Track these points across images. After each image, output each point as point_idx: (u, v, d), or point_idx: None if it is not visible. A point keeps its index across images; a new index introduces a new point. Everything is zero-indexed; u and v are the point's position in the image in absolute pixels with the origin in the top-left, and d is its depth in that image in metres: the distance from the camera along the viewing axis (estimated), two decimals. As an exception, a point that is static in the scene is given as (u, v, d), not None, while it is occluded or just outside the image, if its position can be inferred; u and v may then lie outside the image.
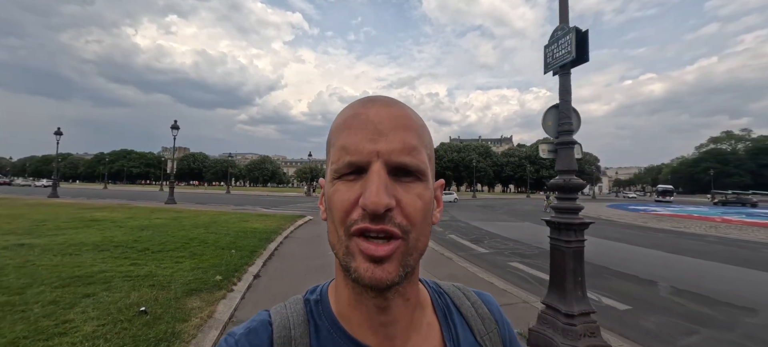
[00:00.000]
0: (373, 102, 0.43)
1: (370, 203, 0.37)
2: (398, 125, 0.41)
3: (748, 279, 7.05)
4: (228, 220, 11.92)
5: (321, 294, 0.49)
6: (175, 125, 24.08)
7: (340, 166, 0.40)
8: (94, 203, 19.16)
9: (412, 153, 0.40)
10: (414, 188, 0.40)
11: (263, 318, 0.47)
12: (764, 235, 13.81)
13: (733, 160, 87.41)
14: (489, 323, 0.53)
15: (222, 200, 29.08)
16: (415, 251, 0.40)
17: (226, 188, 56.55)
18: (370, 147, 0.39)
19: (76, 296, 3.77)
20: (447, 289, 0.56)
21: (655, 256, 9.21)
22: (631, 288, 6.13)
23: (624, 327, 4.42)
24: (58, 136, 29.65)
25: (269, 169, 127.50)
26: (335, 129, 0.43)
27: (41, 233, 7.94)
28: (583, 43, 3.40)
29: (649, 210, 28.55)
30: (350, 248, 0.39)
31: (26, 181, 72.15)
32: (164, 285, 4.31)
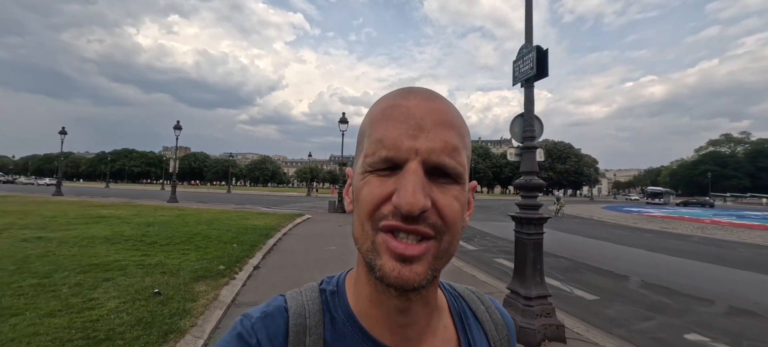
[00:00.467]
0: (414, 94, 0.40)
1: (405, 203, 0.34)
2: (440, 122, 0.38)
3: (714, 274, 7.53)
4: (229, 218, 12.43)
5: (337, 285, 0.48)
6: (177, 125, 24.59)
7: (374, 160, 0.38)
8: (99, 201, 19.68)
9: (453, 154, 0.38)
10: (451, 190, 0.38)
11: (279, 303, 0.45)
12: (746, 236, 14.28)
13: (731, 162, 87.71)
14: (501, 329, 0.53)
15: (223, 199, 29.61)
16: (446, 255, 0.38)
17: (227, 188, 57.08)
18: (409, 143, 0.37)
19: (97, 280, 4.27)
20: (462, 292, 0.54)
21: (634, 254, 9.69)
22: (604, 282, 6.61)
23: (588, 313, 4.90)
24: (63, 135, 30.19)
25: (270, 169, 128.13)
26: (371, 119, 0.40)
27: (54, 228, 8.44)
28: (543, 60, 3.89)
29: (642, 212, 29.03)
30: (376, 244, 0.37)
31: (29, 180, 72.75)
32: (173, 273, 4.81)
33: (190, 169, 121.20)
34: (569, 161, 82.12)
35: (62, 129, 30.14)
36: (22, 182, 66.89)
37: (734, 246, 11.56)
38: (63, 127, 30.15)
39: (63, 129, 30.20)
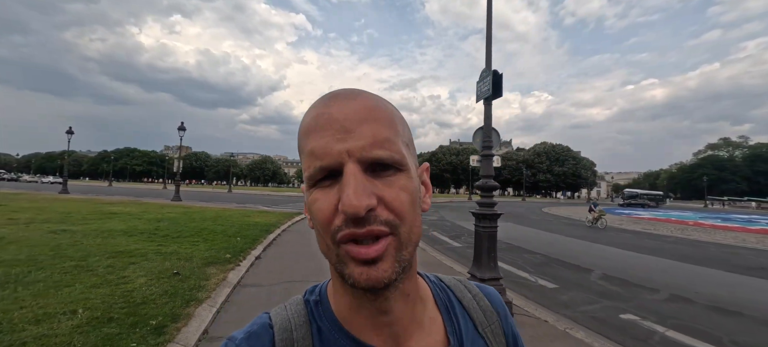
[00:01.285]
0: (335, 98, 0.40)
1: (349, 207, 0.34)
2: (365, 118, 0.38)
3: (672, 269, 8.31)
4: (232, 215, 13.24)
5: (320, 294, 0.48)
6: (181, 126, 25.42)
7: (313, 173, 0.38)
8: (107, 199, 20.50)
9: (386, 145, 0.37)
10: (396, 181, 0.38)
11: (264, 320, 0.45)
12: (721, 236, 15.05)
13: (729, 166, 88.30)
14: (490, 315, 0.53)
15: (224, 198, 30.43)
16: (409, 244, 0.38)
17: (228, 187, 57.93)
18: (338, 147, 0.36)
19: (125, 263, 5.08)
20: (449, 283, 0.54)
21: (607, 251, 10.48)
22: (568, 274, 7.39)
23: (543, 298, 5.68)
24: (70, 134, 31.09)
25: (270, 168, 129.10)
26: (302, 134, 0.40)
27: (73, 222, 9.25)
28: (498, 83, 4.69)
29: (631, 214, 29.80)
30: (341, 255, 0.37)
31: (33, 178, 73.62)
32: (188, 259, 5.61)
33: (191, 169, 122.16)
34: (567, 163, 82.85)
35: (69, 129, 31.05)
36: (26, 180, 67.82)
37: (706, 246, 12.34)
38: (70, 127, 31.07)
39: (70, 129, 31.11)
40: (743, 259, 10.02)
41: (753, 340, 4.28)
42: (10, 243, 6.15)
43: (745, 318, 5.09)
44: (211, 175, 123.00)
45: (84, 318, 3.15)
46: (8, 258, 5.06)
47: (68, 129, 30.99)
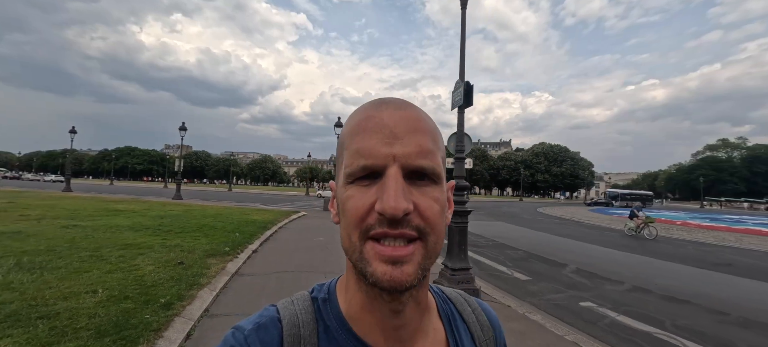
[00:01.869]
0: (386, 104, 0.42)
1: (388, 208, 0.36)
2: (413, 128, 0.40)
3: (641, 264, 8.87)
4: (231, 213, 13.80)
5: (329, 292, 0.49)
6: (183, 126, 25.99)
7: (354, 170, 0.39)
8: (111, 197, 21.08)
9: (428, 156, 0.40)
10: (430, 191, 0.40)
11: (272, 314, 0.46)
12: (703, 236, 15.60)
13: (727, 167, 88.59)
14: (487, 330, 0.55)
15: (224, 197, 31.04)
16: (433, 254, 0.40)
17: (229, 186, 58.53)
18: (385, 150, 0.39)
19: (134, 254, 5.64)
20: (450, 295, 0.56)
21: (586, 248, 11.04)
22: (543, 268, 7.94)
23: (514, 288, 6.23)
24: (73, 134, 31.71)
25: (270, 168, 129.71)
26: (348, 132, 0.42)
27: (82, 219, 9.82)
28: (469, 93, 5.24)
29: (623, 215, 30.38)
30: (365, 252, 0.38)
31: (35, 176, 74.20)
32: (190, 251, 6.17)
33: (192, 168, 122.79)
34: (565, 164, 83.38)
35: (72, 128, 31.66)
36: (28, 178, 68.39)
37: (684, 245, 12.90)
38: (73, 127, 31.68)
39: (73, 128, 31.71)
40: (715, 256, 10.58)
41: (691, 323, 4.83)
42: (29, 236, 6.72)
43: (691, 305, 5.65)
44: (211, 174, 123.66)
45: (104, 296, 3.71)
46: (30, 248, 5.63)
47: (71, 128, 31.58)
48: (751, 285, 7.22)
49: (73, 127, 31.67)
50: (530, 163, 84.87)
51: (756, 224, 23.28)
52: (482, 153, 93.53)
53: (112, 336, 2.85)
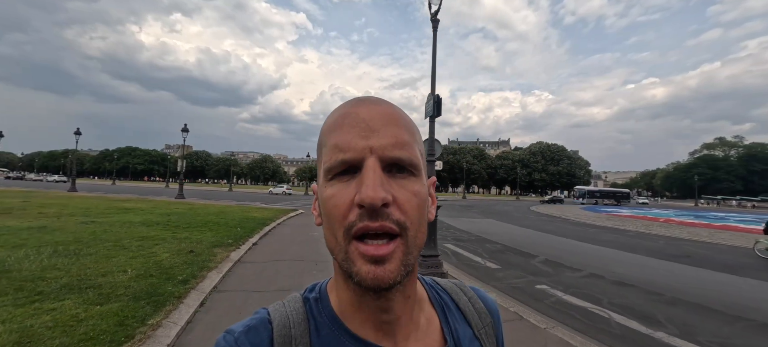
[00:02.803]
0: (362, 102, 0.44)
1: (367, 197, 0.37)
2: (389, 121, 0.41)
3: (606, 255, 9.73)
4: (233, 211, 14.68)
5: (320, 292, 0.50)
6: (185, 128, 26.86)
7: (332, 165, 0.40)
8: (117, 196, 21.96)
9: (405, 147, 0.41)
10: (409, 184, 0.40)
11: (262, 316, 0.46)
12: (678, 232, 16.46)
13: (724, 165, 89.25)
14: (485, 317, 0.55)
15: (225, 196, 31.95)
16: (415, 248, 0.40)
17: (229, 186, 59.44)
18: (362, 143, 0.39)
19: (150, 244, 6.51)
20: (444, 285, 0.57)
21: (561, 242, 11.90)
22: (515, 259, 8.80)
23: (484, 275, 7.08)
24: (77, 135, 32.63)
25: (270, 167, 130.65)
26: (326, 130, 0.44)
27: (96, 216, 10.69)
28: (439, 104, 6.10)
29: (610, 212, 31.35)
30: (350, 253, 0.39)
31: (38, 176, 75.02)
32: (198, 242, 7.05)
33: (192, 168, 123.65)
34: (562, 163, 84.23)
35: (77, 130, 32.59)
36: (31, 179, 69.26)
37: (656, 239, 13.78)
38: (78, 128, 32.60)
39: (78, 130, 32.64)
40: (678, 249, 11.45)
41: (625, 301, 5.68)
42: (54, 230, 7.60)
43: (634, 288, 6.51)
44: (212, 174, 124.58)
45: (132, 274, 4.58)
46: (60, 240, 6.50)
47: (76, 130, 32.53)
48: (695, 273, 8.08)
49: (77, 129, 32.63)
50: (527, 162, 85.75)
51: (737, 221, 24.15)
52: (480, 152, 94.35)
53: (145, 300, 3.72)
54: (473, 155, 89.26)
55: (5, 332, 2.77)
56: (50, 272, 4.44)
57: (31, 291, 3.76)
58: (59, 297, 3.61)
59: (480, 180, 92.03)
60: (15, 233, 6.98)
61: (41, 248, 5.69)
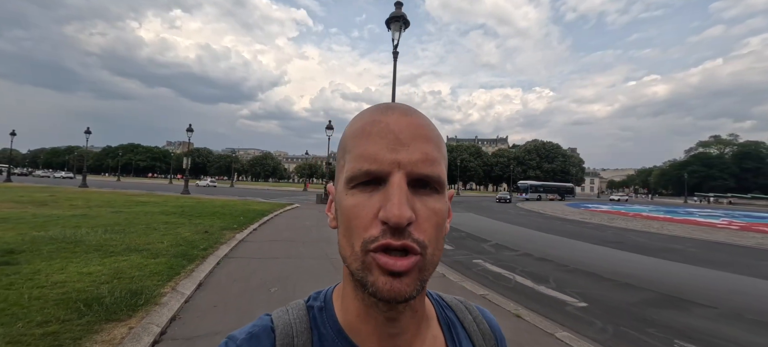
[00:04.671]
0: (392, 110, 0.42)
1: (393, 216, 0.36)
2: (419, 135, 0.40)
3: (546, 240, 11.56)
4: (236, 204, 16.56)
5: (325, 300, 0.49)
6: (189, 128, 28.70)
7: (356, 174, 0.39)
8: (128, 192, 23.86)
9: (433, 164, 0.40)
10: (430, 201, 0.40)
11: (265, 323, 0.46)
12: (634, 224, 18.30)
13: (717, 163, 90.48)
14: (489, 339, 0.55)
15: (228, 192, 33.83)
16: (431, 266, 0.40)
17: (231, 182, 61.36)
18: (390, 156, 0.38)
19: (173, 226, 8.38)
20: (450, 302, 0.56)
21: (521, 231, 13.75)
22: (471, 243, 10.63)
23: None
24: (88, 134, 34.54)
25: (271, 164, 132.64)
26: (351, 135, 0.42)
27: (120, 208, 12.55)
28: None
29: (588, 207, 33.21)
30: (367, 263, 0.38)
31: (45, 173, 76.75)
32: (210, 226, 8.91)
33: (194, 165, 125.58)
34: (556, 161, 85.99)
35: (87, 129, 34.49)
36: (38, 175, 71.07)
37: (606, 229, 15.63)
38: (88, 128, 34.49)
39: (88, 129, 34.55)
40: (619, 237, 13.30)
41: (535, 270, 7.50)
42: (95, 217, 9.47)
43: (551, 263, 8.33)
44: (213, 171, 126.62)
45: (167, 244, 6.43)
46: (104, 223, 8.36)
47: (86, 129, 34.44)
48: (609, 253, 9.91)
49: (87, 128, 34.53)
50: (523, 160, 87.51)
51: (702, 216, 25.94)
52: (477, 150, 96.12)
53: (181, 257, 5.57)
54: (470, 153, 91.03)
55: (105, 270, 4.61)
56: (110, 242, 6.30)
57: (106, 251, 5.62)
58: (126, 255, 5.47)
59: (476, 177, 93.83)
60: (66, 219, 8.85)
61: (94, 228, 7.55)
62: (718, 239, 13.62)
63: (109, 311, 3.33)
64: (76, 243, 6.08)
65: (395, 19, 7.76)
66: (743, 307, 5.49)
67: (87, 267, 4.69)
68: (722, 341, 4.19)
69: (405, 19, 7.78)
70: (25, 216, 8.99)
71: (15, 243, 5.74)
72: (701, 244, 12.25)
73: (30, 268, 4.47)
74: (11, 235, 6.42)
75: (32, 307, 3.27)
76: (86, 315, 3.21)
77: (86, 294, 3.67)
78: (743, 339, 4.30)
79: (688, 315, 5.05)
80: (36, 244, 5.78)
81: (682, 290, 6.33)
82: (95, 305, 3.41)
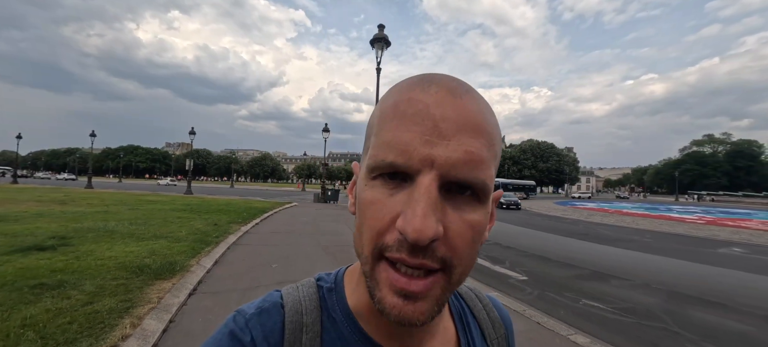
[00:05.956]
0: (436, 85, 0.33)
1: (412, 231, 0.29)
2: (467, 125, 0.31)
3: (519, 233, 12.87)
4: (238, 203, 17.84)
5: (336, 282, 0.46)
6: (192, 131, 29.94)
7: (378, 164, 0.32)
8: (134, 192, 25.07)
9: (479, 167, 0.31)
10: (468, 212, 0.32)
11: (275, 299, 0.43)
12: (609, 219, 19.63)
13: (711, 162, 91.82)
14: (498, 327, 0.53)
15: (228, 192, 35.10)
16: (456, 286, 0.34)
17: (231, 183, 62.59)
18: (423, 150, 0.30)
19: (186, 220, 9.65)
20: (461, 292, 0.54)
21: (505, 227, 15.04)
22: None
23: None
24: (93, 137, 35.73)
25: (269, 165, 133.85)
26: (381, 114, 0.34)
27: (133, 205, 13.80)
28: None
29: (575, 205, 34.63)
30: (376, 273, 0.33)
31: (45, 175, 77.77)
32: (218, 220, 10.19)
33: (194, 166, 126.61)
34: (551, 160, 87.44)
35: (92, 132, 35.69)
36: (40, 177, 72.13)
37: (578, 223, 16.98)
38: (93, 131, 35.69)
39: (93, 132, 35.74)
40: (588, 230, 14.62)
41: (495, 254, 8.79)
42: (115, 213, 10.73)
43: (513, 250, 9.63)
44: (213, 172, 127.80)
45: (185, 233, 7.70)
46: (125, 218, 9.63)
47: (91, 132, 35.64)
48: (570, 242, 11.21)
49: (92, 131, 35.73)
50: (518, 159, 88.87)
51: (679, 212, 27.32)
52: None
53: (198, 243, 6.83)
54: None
55: (142, 250, 5.89)
56: (138, 231, 7.58)
57: (137, 238, 6.90)
58: (154, 240, 6.75)
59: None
60: (92, 215, 10.12)
61: (120, 222, 8.82)
62: (677, 231, 14.97)
63: (155, 274, 4.61)
64: (111, 232, 7.35)
65: (378, 40, 9.01)
66: (653, 280, 6.80)
67: (128, 247, 5.97)
68: (619, 300, 5.49)
69: (386, 40, 9.03)
70: (55, 213, 10.25)
71: (63, 232, 7.01)
72: (659, 236, 13.59)
73: (85, 248, 5.75)
74: (55, 227, 7.69)
75: (101, 270, 4.54)
76: (140, 276, 4.48)
77: (136, 263, 4.94)
78: (636, 299, 5.60)
79: (603, 284, 6.36)
80: (79, 233, 7.05)
81: (612, 268, 7.64)
82: (145, 269, 4.69)
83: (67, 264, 4.73)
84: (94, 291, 3.79)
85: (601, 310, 5.00)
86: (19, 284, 3.81)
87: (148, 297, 3.81)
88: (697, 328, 4.47)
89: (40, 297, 3.49)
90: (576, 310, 4.97)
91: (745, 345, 4.06)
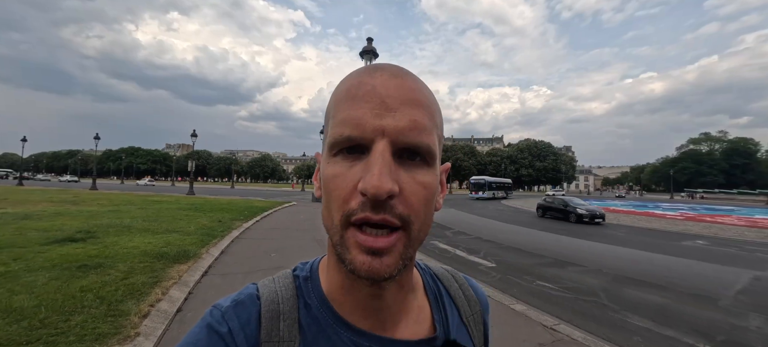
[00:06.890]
0: (380, 71, 0.39)
1: (371, 187, 0.34)
2: (408, 99, 0.37)
3: (501, 229, 13.79)
4: (239, 202, 18.77)
5: (311, 271, 0.49)
6: (194, 133, 30.85)
7: (338, 140, 0.37)
8: (139, 193, 25.97)
9: (423, 133, 0.37)
10: (419, 174, 0.37)
11: (251, 291, 0.46)
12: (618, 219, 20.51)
13: (707, 160, 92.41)
14: (474, 304, 0.56)
15: (229, 193, 36.00)
16: (417, 242, 0.39)
17: (231, 183, 63.50)
18: (374, 122, 0.36)
19: (193, 217, 10.58)
20: (438, 272, 0.57)
21: (481, 221, 15.97)
22: (435, 230, 12.80)
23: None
24: (97, 139, 36.65)
25: (269, 166, 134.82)
26: (336, 99, 0.40)
27: (141, 205, 14.72)
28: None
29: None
30: (345, 238, 0.37)
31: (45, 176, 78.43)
32: (222, 218, 11.11)
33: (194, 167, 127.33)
34: (548, 159, 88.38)
35: (96, 134, 36.60)
36: (40, 179, 72.88)
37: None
38: (97, 133, 36.60)
39: (97, 134, 36.65)
40: (571, 228, 15.52)
41: (473, 246, 9.70)
42: (127, 212, 11.65)
43: (490, 242, 10.54)
44: (213, 173, 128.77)
45: (193, 228, 8.62)
46: (138, 215, 10.56)
47: (95, 134, 36.55)
48: (544, 236, 12.12)
49: (96, 134, 36.65)
50: (515, 159, 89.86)
51: (664, 209, 28.23)
52: (471, 149, 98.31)
53: (207, 236, 7.76)
54: (464, 152, 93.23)
55: (159, 241, 6.81)
56: (151, 227, 8.51)
57: (152, 232, 7.83)
58: (167, 234, 7.68)
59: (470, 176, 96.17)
60: (106, 213, 11.05)
61: (133, 219, 9.75)
62: (653, 226, 15.90)
63: (173, 259, 5.54)
64: (128, 227, 8.28)
65: (366, 52, 9.93)
66: (607, 266, 7.71)
67: (146, 239, 6.91)
68: (568, 282, 6.40)
69: (374, 52, 9.95)
70: (72, 212, 11.17)
71: (87, 227, 7.93)
72: (635, 231, 14.51)
73: (109, 240, 6.68)
74: (78, 223, 8.62)
75: (129, 256, 5.47)
76: (161, 260, 5.41)
77: (156, 251, 5.88)
78: (584, 281, 6.52)
79: (561, 270, 7.28)
80: (101, 228, 7.98)
81: (573, 257, 8.56)
82: (165, 256, 5.62)
83: (99, 251, 5.67)
84: (127, 270, 4.72)
85: (548, 289, 5.92)
86: (67, 265, 4.75)
87: (170, 275, 4.73)
88: (625, 302, 5.38)
89: (87, 274, 4.42)
90: (528, 290, 5.88)
91: (657, 313, 4.97)
